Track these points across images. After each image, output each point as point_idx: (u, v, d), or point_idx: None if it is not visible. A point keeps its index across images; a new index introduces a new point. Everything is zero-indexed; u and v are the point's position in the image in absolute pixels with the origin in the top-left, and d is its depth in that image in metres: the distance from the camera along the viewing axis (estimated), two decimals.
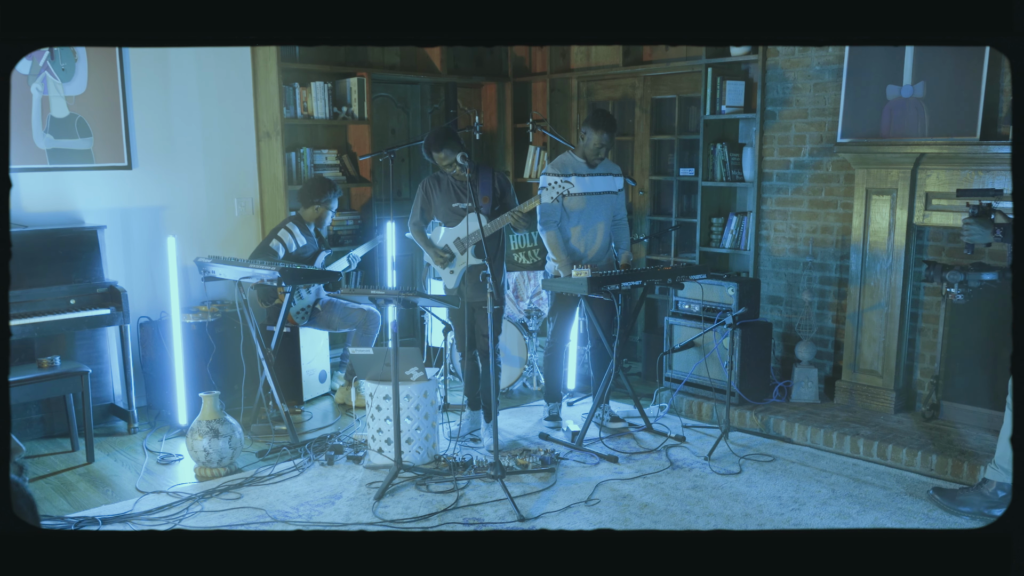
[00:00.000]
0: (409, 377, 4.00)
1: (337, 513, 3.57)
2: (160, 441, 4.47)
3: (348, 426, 4.69)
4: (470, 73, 6.38)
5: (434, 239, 4.42)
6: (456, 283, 4.38)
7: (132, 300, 4.61)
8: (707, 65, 5.21)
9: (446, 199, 4.33)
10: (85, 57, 4.68)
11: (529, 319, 5.34)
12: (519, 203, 4.31)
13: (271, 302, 4.83)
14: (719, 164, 5.31)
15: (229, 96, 5.29)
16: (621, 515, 3.55)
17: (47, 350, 4.41)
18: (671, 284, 4.40)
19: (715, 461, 4.12)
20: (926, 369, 4.56)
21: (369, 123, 5.74)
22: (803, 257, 5.00)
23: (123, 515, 3.54)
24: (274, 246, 4.75)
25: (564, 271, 4.33)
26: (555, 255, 4.41)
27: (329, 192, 4.93)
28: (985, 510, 3.46)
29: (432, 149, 4.19)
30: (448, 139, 4.18)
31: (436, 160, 4.22)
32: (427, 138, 4.25)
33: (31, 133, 4.57)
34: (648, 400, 5.01)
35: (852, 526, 3.43)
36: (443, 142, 4.17)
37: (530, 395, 5.31)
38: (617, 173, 4.61)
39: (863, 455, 4.15)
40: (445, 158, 4.17)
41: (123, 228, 4.93)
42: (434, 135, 4.24)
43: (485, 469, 3.91)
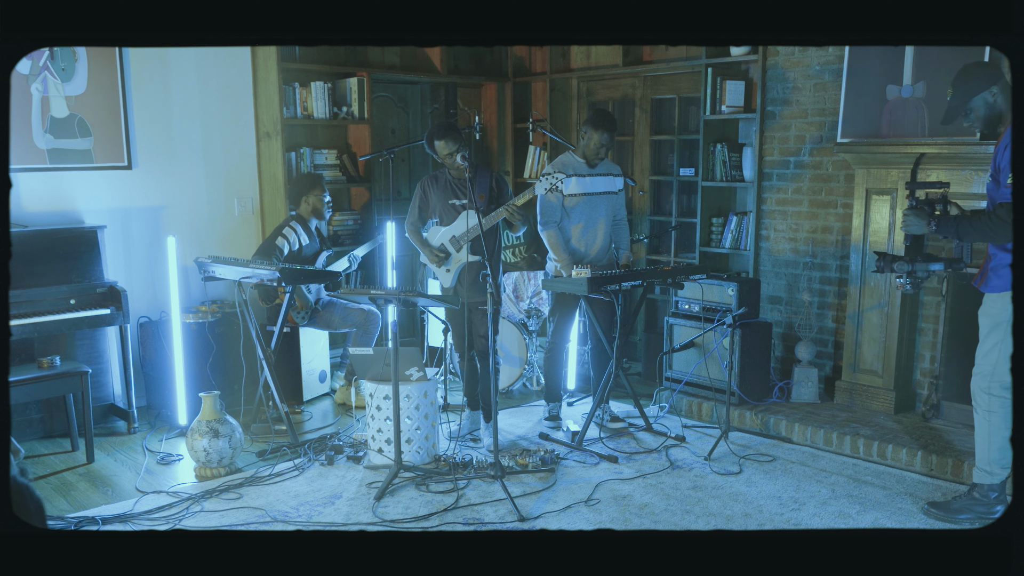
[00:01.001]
0: (409, 377, 4.00)
1: (337, 513, 3.57)
2: (160, 441, 4.47)
3: (348, 426, 4.69)
4: (470, 73, 6.38)
5: (430, 239, 4.43)
6: (452, 282, 4.39)
7: (132, 300, 4.61)
8: (707, 65, 5.21)
9: (443, 196, 4.34)
10: (85, 57, 4.68)
11: (529, 319, 5.34)
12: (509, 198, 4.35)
13: (271, 302, 4.83)
14: (719, 164, 5.31)
15: (229, 96, 5.29)
16: (621, 515, 3.55)
17: (47, 350, 4.41)
18: (671, 284, 4.41)
19: (715, 461, 4.12)
20: (926, 369, 4.55)
21: (369, 123, 5.74)
22: (803, 257, 5.00)
23: (123, 515, 3.54)
24: (279, 243, 4.75)
25: (566, 270, 4.33)
26: (556, 254, 4.41)
27: (314, 183, 4.97)
28: (984, 513, 3.45)
29: (435, 138, 4.22)
30: (450, 131, 4.23)
31: (437, 151, 4.24)
32: (430, 129, 4.31)
33: (31, 133, 4.57)
34: (648, 400, 5.01)
35: (852, 526, 3.43)
36: (445, 132, 4.21)
37: (530, 395, 5.30)
38: (617, 173, 4.61)
39: (863, 455, 4.15)
40: (445, 147, 4.19)
41: (123, 228, 4.93)
42: (438, 125, 4.31)
43: (485, 469, 3.91)
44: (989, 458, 3.44)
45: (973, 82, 3.27)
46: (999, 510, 3.45)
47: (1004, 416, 3.37)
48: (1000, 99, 3.24)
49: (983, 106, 3.27)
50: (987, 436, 3.43)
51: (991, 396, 3.39)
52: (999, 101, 3.25)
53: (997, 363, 3.37)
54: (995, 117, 3.27)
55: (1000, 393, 3.37)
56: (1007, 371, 3.31)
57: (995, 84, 3.24)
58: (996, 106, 3.25)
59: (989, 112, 3.27)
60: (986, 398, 3.41)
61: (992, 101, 3.25)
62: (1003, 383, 3.36)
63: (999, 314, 3.32)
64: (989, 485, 3.46)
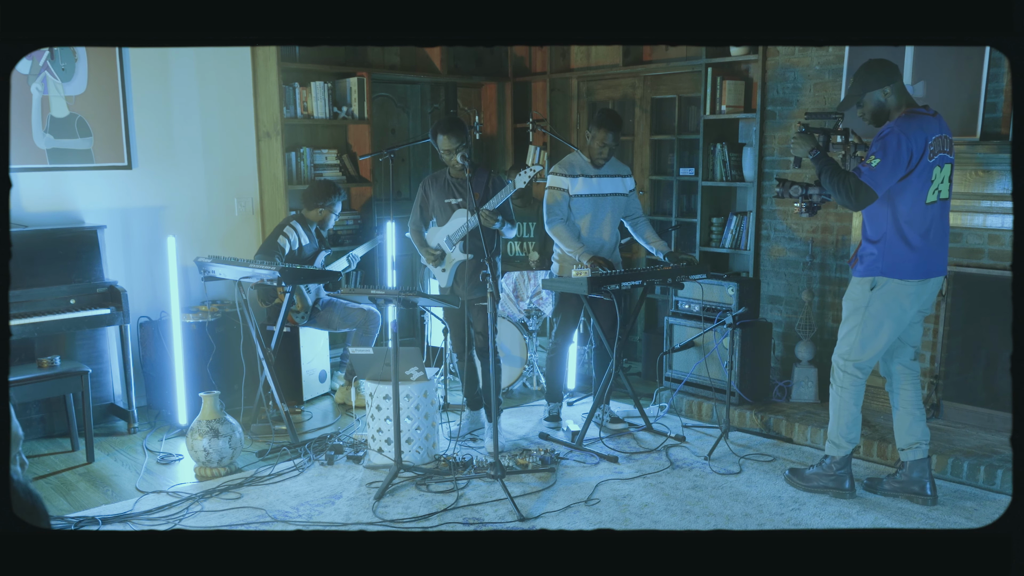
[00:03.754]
0: (409, 377, 4.00)
1: (337, 513, 3.57)
2: (160, 441, 4.47)
3: (348, 426, 4.69)
4: (470, 73, 6.38)
5: (429, 239, 4.46)
6: (449, 281, 4.40)
7: (132, 300, 4.61)
8: (707, 65, 5.21)
9: (441, 195, 4.35)
10: (85, 57, 4.68)
11: (529, 319, 5.34)
12: (511, 207, 4.37)
13: (271, 302, 4.83)
14: (719, 164, 5.31)
15: (229, 96, 5.29)
16: (621, 515, 3.55)
17: (47, 350, 4.41)
18: (671, 284, 4.40)
19: (715, 461, 4.12)
20: (926, 369, 4.55)
21: (369, 123, 5.74)
22: (803, 257, 5.00)
23: (123, 515, 3.54)
24: (280, 242, 4.76)
25: (582, 259, 4.30)
26: (566, 246, 4.37)
27: (334, 196, 4.98)
28: (831, 485, 3.70)
29: (439, 131, 4.20)
30: (455, 127, 4.20)
31: (439, 145, 4.21)
32: (437, 121, 4.29)
33: (31, 133, 4.57)
34: (648, 400, 5.01)
35: (852, 526, 3.44)
36: (450, 128, 4.19)
37: (530, 395, 5.31)
38: (626, 174, 4.60)
39: (863, 455, 4.15)
40: (447, 143, 4.17)
41: (123, 228, 4.93)
42: (445, 119, 4.29)
43: (485, 469, 3.91)
44: (838, 431, 3.67)
45: (871, 78, 3.45)
46: (847, 484, 3.68)
47: (854, 393, 3.62)
48: (892, 99, 3.44)
49: (874, 102, 3.46)
50: (837, 410, 3.67)
51: (845, 373, 3.62)
52: (890, 101, 3.44)
53: (854, 345, 3.60)
54: (883, 114, 3.47)
55: (853, 372, 3.61)
56: (862, 354, 3.58)
57: (890, 85, 3.43)
58: (886, 105, 3.45)
59: (878, 108, 3.47)
60: (840, 374, 3.64)
61: (883, 100, 3.45)
62: (857, 364, 3.59)
63: (859, 299, 3.55)
64: (836, 458, 3.68)
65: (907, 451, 3.64)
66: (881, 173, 3.35)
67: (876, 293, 3.50)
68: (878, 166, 3.35)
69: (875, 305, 3.51)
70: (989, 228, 4.13)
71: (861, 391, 3.63)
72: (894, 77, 3.43)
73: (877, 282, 3.49)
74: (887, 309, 3.49)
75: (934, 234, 3.47)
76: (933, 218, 3.45)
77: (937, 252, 3.51)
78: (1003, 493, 3.69)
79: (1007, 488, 3.69)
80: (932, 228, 3.46)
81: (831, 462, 3.69)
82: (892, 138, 3.34)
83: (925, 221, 3.43)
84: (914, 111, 3.41)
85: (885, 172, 3.35)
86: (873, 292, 3.51)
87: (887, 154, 3.33)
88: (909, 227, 3.42)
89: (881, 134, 3.38)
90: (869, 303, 3.52)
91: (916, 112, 3.41)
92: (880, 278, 3.49)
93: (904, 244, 3.44)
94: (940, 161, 3.41)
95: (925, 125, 3.37)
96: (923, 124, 3.36)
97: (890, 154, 3.33)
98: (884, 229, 3.46)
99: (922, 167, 3.36)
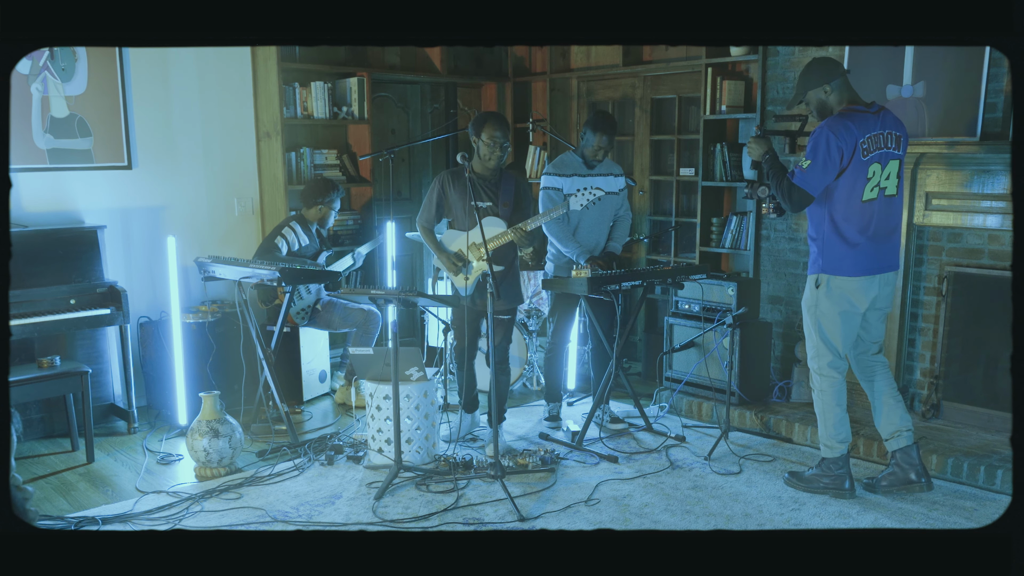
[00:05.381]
0: (409, 377, 4.00)
1: (337, 513, 3.57)
2: (160, 441, 4.47)
3: (348, 426, 4.69)
4: (470, 73, 6.38)
5: (445, 243, 4.20)
6: (471, 290, 4.13)
7: (132, 300, 4.61)
8: (707, 65, 5.21)
9: (463, 197, 4.05)
10: (85, 57, 4.68)
11: (529, 319, 5.34)
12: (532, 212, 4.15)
13: (271, 303, 4.83)
14: (719, 164, 5.31)
15: (229, 96, 5.29)
16: (621, 515, 3.55)
17: (47, 350, 4.41)
18: (671, 284, 4.41)
19: (715, 461, 4.12)
20: (926, 369, 4.55)
21: (369, 123, 5.74)
22: (803, 257, 5.00)
23: (123, 515, 3.54)
24: (278, 243, 4.76)
25: (579, 260, 4.31)
26: (563, 245, 4.39)
27: (332, 192, 4.97)
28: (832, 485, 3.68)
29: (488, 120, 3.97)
30: (505, 120, 4.03)
31: (485, 134, 3.95)
32: (484, 113, 4.06)
33: (31, 133, 4.57)
34: (648, 400, 5.01)
35: (852, 526, 3.43)
36: (500, 119, 4.00)
37: (530, 395, 5.31)
38: (618, 173, 4.61)
39: (863, 455, 4.14)
40: (500, 134, 3.95)
41: (123, 228, 4.93)
42: (494, 112, 4.17)
43: (485, 469, 3.91)
44: (827, 434, 3.68)
45: (811, 78, 3.50)
46: (847, 484, 3.66)
47: (834, 394, 3.63)
48: (833, 96, 3.48)
49: (815, 100, 3.51)
50: (822, 413, 3.69)
51: (821, 376, 3.65)
52: (831, 98, 3.48)
53: (817, 347, 3.63)
54: (827, 111, 3.50)
55: (828, 373, 3.62)
56: (827, 353, 3.61)
57: (830, 83, 3.47)
58: (827, 102, 3.50)
59: (821, 106, 3.52)
60: (817, 378, 3.66)
61: (824, 98, 3.50)
62: (830, 363, 3.61)
63: (809, 299, 3.62)
64: (832, 459, 3.69)
65: (891, 440, 3.67)
66: (812, 174, 3.39)
67: (822, 291, 3.55)
68: (809, 168, 3.39)
69: (823, 303, 3.56)
70: (989, 228, 4.13)
71: (842, 391, 3.65)
72: (834, 75, 3.46)
73: (820, 280, 3.55)
74: (835, 306, 3.54)
75: (877, 231, 3.49)
76: (874, 215, 3.47)
77: (883, 248, 3.53)
78: (1003, 493, 3.69)
79: (1007, 488, 3.69)
80: (874, 225, 3.48)
81: (829, 463, 3.70)
82: (821, 138, 3.38)
83: (864, 218, 3.46)
84: (851, 109, 3.43)
85: (816, 173, 3.39)
86: (819, 290, 3.56)
87: (817, 155, 3.37)
88: (847, 224, 3.46)
89: (812, 135, 3.42)
90: (817, 302, 3.58)
91: (852, 110, 3.43)
92: (822, 275, 3.54)
93: (842, 241, 3.47)
94: (881, 158, 3.43)
95: (860, 122, 3.38)
96: (857, 121, 3.38)
97: (820, 154, 3.37)
98: (822, 227, 3.51)
99: (855, 165, 3.39)
